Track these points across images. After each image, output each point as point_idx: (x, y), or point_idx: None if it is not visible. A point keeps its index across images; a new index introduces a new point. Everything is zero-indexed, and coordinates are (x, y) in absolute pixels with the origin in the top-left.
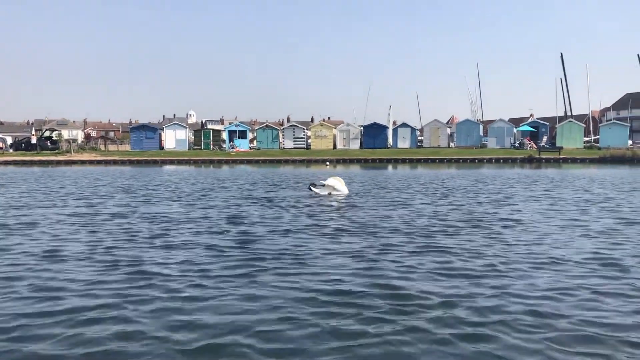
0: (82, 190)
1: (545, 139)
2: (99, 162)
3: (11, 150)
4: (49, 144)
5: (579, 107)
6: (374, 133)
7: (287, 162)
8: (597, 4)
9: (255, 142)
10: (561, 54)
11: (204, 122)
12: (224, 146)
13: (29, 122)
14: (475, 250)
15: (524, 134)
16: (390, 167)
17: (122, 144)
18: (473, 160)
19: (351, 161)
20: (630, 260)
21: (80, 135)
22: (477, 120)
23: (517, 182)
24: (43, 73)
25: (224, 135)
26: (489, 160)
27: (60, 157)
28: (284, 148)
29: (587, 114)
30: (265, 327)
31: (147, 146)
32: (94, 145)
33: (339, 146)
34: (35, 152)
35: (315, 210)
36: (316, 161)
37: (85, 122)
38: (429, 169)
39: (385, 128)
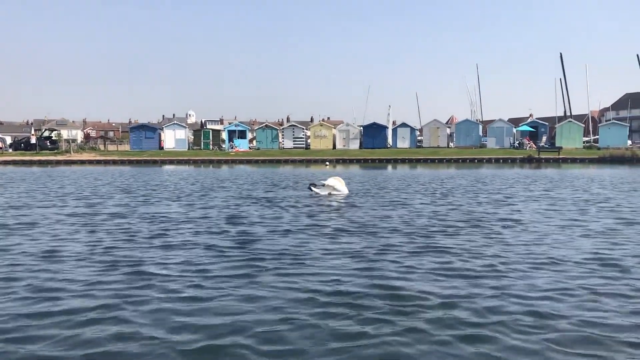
0: (82, 190)
1: (544, 139)
2: (98, 162)
3: (10, 150)
4: (48, 143)
5: (579, 107)
6: (373, 133)
7: (286, 162)
8: (597, 4)
9: (254, 142)
10: (560, 54)
11: (203, 122)
12: (224, 146)
13: (28, 121)
14: (475, 251)
15: (523, 134)
16: (389, 167)
17: (121, 144)
18: (472, 160)
19: (351, 161)
20: (629, 260)
21: (79, 135)
22: (477, 120)
23: (517, 182)
24: (42, 73)
25: (224, 135)
26: (489, 160)
27: (59, 157)
28: (283, 148)
29: (586, 114)
30: (265, 327)
31: (147, 146)
32: (94, 145)
33: (339, 146)
34: (35, 152)
35: (314, 210)
36: (316, 161)
37: (84, 122)
38: (429, 169)
39: (384, 128)
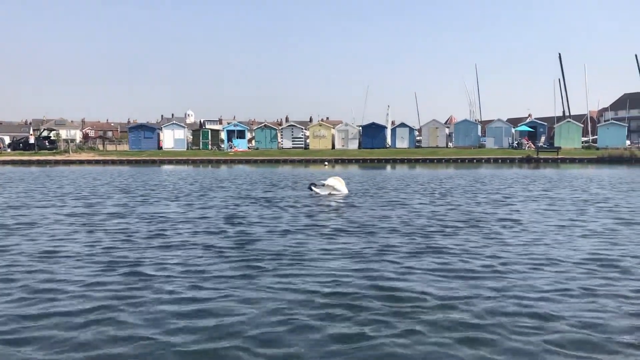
0: (80, 190)
1: (543, 139)
2: (97, 162)
3: (9, 150)
4: (47, 143)
5: (577, 107)
6: (372, 133)
7: (285, 162)
8: (596, 5)
9: (253, 142)
10: (559, 54)
11: (202, 121)
12: (223, 146)
13: (27, 121)
14: (474, 251)
15: (522, 134)
16: (388, 167)
17: (120, 144)
18: (471, 160)
19: (350, 161)
20: (628, 260)
21: (78, 135)
22: (476, 120)
23: (515, 182)
24: (41, 73)
25: (223, 135)
26: (487, 160)
27: (58, 157)
28: (282, 148)
29: (585, 114)
30: (263, 329)
31: (146, 146)
32: (92, 145)
33: (338, 146)
34: (33, 151)
35: (313, 211)
36: (315, 161)
37: (83, 121)
38: (427, 169)
39: (383, 128)
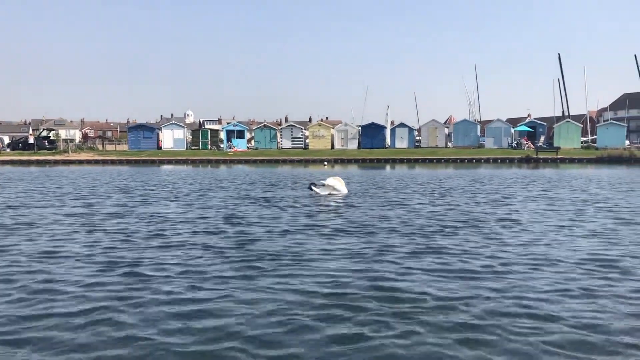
0: (80, 190)
1: (542, 139)
2: (96, 162)
3: (8, 150)
4: (46, 143)
5: (577, 107)
6: (371, 133)
7: (285, 162)
8: (596, 5)
9: (253, 142)
10: (559, 54)
11: (201, 121)
12: (222, 146)
13: (26, 121)
14: (473, 251)
15: (521, 134)
16: (388, 167)
17: (119, 144)
18: (470, 160)
19: (349, 161)
20: (627, 261)
21: (77, 135)
22: (475, 120)
23: (515, 182)
24: (41, 73)
25: (222, 135)
26: (487, 160)
27: (57, 157)
28: (281, 148)
29: (584, 114)
30: (263, 330)
31: (145, 146)
32: (92, 145)
33: (337, 146)
34: (33, 151)
35: (313, 211)
36: (314, 161)
37: (82, 121)
38: (427, 169)
39: (383, 128)
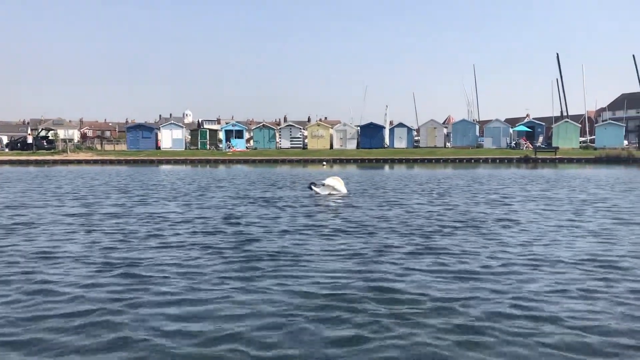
0: (78, 190)
1: (541, 139)
2: (95, 162)
3: (7, 150)
4: (45, 143)
5: (575, 108)
6: (370, 133)
7: (283, 162)
8: (595, 5)
9: (251, 141)
10: (557, 54)
11: (200, 121)
12: (221, 146)
13: (25, 121)
14: (472, 251)
15: (520, 134)
16: (386, 167)
17: (118, 144)
18: (469, 160)
19: (348, 161)
20: (627, 261)
21: (76, 135)
22: (474, 120)
23: (513, 182)
24: (40, 72)
25: (221, 135)
26: (485, 161)
27: (56, 157)
28: (280, 148)
29: (583, 114)
30: (262, 331)
31: (144, 146)
32: (90, 145)
33: (336, 146)
34: (31, 151)
35: (312, 211)
36: (313, 161)
37: (81, 121)
38: (426, 169)
39: (381, 128)
